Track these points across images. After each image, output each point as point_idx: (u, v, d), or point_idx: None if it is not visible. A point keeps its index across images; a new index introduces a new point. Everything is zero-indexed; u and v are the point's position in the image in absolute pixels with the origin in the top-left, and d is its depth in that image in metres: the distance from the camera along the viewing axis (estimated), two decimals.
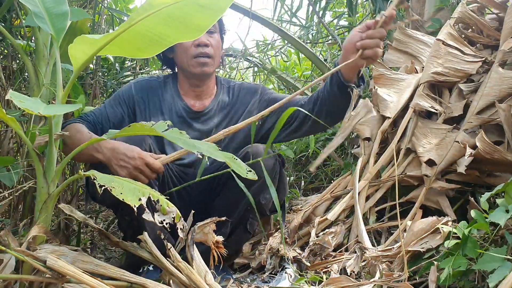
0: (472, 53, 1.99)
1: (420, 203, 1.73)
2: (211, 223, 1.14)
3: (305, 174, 3.07)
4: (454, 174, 1.79)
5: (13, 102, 0.98)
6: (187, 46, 1.74)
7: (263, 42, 3.58)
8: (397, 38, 2.23)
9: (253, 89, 1.88)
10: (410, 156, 1.91)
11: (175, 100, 1.82)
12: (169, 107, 1.81)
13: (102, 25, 2.74)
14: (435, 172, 1.75)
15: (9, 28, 2.29)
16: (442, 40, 1.97)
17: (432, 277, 1.20)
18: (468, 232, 1.20)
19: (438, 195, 1.78)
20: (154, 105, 1.80)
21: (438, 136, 1.86)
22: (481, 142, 1.65)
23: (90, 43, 1.13)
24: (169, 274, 1.17)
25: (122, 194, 1.07)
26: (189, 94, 1.84)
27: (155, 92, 1.83)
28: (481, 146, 1.64)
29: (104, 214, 2.92)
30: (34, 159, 1.19)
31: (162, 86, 1.85)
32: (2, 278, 1.12)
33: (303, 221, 1.91)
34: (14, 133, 2.15)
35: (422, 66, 2.13)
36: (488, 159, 1.66)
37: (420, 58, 2.17)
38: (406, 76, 2.10)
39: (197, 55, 1.74)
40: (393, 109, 2.01)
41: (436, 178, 1.76)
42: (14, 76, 2.38)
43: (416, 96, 1.96)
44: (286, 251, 1.69)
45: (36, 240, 1.17)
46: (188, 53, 1.74)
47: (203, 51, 1.74)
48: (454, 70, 1.95)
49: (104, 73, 3.04)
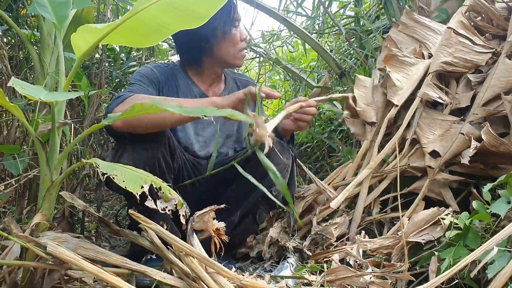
0: (482, 43, 1.94)
1: (423, 195, 1.72)
2: (211, 211, 1.14)
3: (310, 166, 3.07)
4: (457, 166, 1.78)
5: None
6: (238, 40, 1.80)
7: (269, 33, 3.56)
8: (403, 22, 2.16)
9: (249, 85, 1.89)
10: (414, 147, 1.90)
11: (190, 86, 1.84)
12: (185, 92, 1.83)
13: (107, 15, 2.74)
14: (439, 163, 1.74)
15: (16, 18, 2.30)
16: (453, 29, 1.92)
17: (433, 267, 1.20)
18: (470, 223, 1.19)
19: (441, 186, 1.77)
20: (172, 89, 1.82)
21: (443, 127, 1.84)
22: (486, 135, 1.63)
23: (93, 32, 1.14)
24: (170, 263, 1.18)
25: (125, 182, 1.08)
26: (205, 81, 1.88)
27: (172, 77, 1.85)
28: (487, 139, 1.62)
29: (109, 204, 2.95)
30: (37, 147, 1.20)
31: (175, 72, 1.87)
32: (5, 264, 1.14)
33: (305, 209, 1.91)
34: (20, 122, 2.17)
35: (428, 52, 2.08)
36: (493, 152, 1.64)
37: (427, 44, 2.11)
38: (416, 61, 2.04)
39: (243, 49, 1.84)
40: (401, 97, 1.97)
41: (440, 169, 1.75)
42: (20, 66, 2.39)
43: (424, 86, 1.92)
44: (287, 242, 1.70)
45: (39, 227, 1.18)
46: (237, 47, 1.81)
47: (246, 45, 1.85)
48: (463, 60, 1.91)
49: (110, 63, 3.05)
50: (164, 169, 1.57)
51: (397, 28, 2.18)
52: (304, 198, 1.95)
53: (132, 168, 1.15)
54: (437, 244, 1.30)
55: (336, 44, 3.47)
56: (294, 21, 3.03)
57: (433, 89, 1.90)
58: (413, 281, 1.26)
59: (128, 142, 1.53)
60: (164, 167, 1.57)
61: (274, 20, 2.96)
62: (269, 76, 4.22)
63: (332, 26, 3.21)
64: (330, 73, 3.02)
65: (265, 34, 3.50)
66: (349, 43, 2.98)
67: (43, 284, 1.16)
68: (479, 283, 1.15)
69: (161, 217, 1.33)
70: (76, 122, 2.68)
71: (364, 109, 2.02)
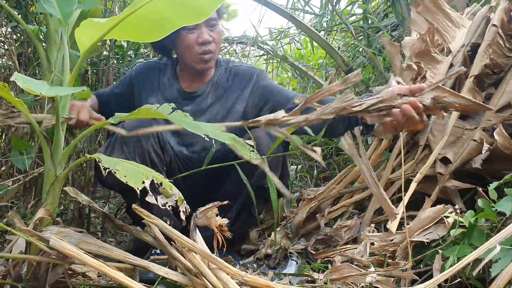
0: (509, 46, 1.80)
1: (433, 200, 1.65)
2: (214, 207, 1.14)
3: (317, 164, 3.06)
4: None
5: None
6: (191, 44, 1.73)
7: (277, 30, 3.56)
8: (425, 3, 2.01)
9: (248, 75, 1.85)
10: (423, 153, 1.83)
11: (172, 83, 1.86)
12: (164, 89, 1.86)
13: (115, 11, 2.75)
14: (449, 170, 1.68)
15: (25, 15, 2.31)
16: (497, 27, 1.77)
17: (437, 265, 1.18)
18: (475, 221, 1.18)
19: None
20: (151, 87, 1.86)
21: (456, 133, 1.75)
22: (500, 136, 1.57)
23: (96, 27, 1.14)
24: (172, 258, 1.18)
25: (126, 177, 1.09)
26: (187, 77, 1.87)
27: (153, 74, 1.88)
28: (500, 141, 1.55)
29: (117, 200, 2.96)
30: (41, 142, 1.21)
31: (162, 69, 1.89)
32: (9, 257, 1.15)
33: (310, 214, 1.90)
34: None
35: (447, 47, 1.97)
36: (506, 155, 1.58)
37: (446, 37, 2.00)
38: (441, 58, 1.92)
39: (202, 53, 1.74)
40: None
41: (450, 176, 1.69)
42: (29, 62, 2.41)
43: (466, 91, 1.75)
44: (290, 245, 1.71)
45: (42, 221, 1.18)
46: (192, 51, 1.74)
47: (207, 48, 1.74)
48: (495, 62, 1.78)
49: (118, 60, 3.06)
50: (155, 161, 1.58)
51: (417, 8, 2.03)
52: (311, 200, 1.93)
53: (133, 163, 1.15)
54: (442, 243, 1.29)
55: (344, 42, 3.45)
56: (302, 18, 3.02)
57: (474, 95, 1.75)
58: (417, 279, 1.24)
59: (118, 136, 1.56)
60: (156, 159, 1.58)
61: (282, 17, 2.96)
62: (276, 73, 4.21)
63: (340, 23, 3.20)
64: (338, 71, 3.01)
65: (273, 31, 3.49)
66: (356, 41, 2.96)
67: (47, 278, 1.17)
68: (484, 281, 1.14)
69: (161, 213, 1.34)
70: None
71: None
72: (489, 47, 1.77)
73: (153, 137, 1.58)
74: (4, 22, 2.33)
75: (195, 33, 1.72)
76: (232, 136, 1.18)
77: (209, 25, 1.73)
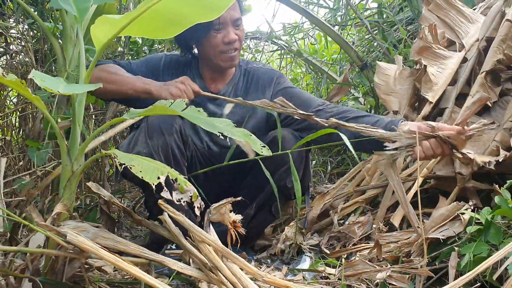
0: None
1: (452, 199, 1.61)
2: (227, 204, 1.15)
3: (331, 159, 3.06)
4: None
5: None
6: (217, 43, 1.74)
7: (291, 25, 3.54)
8: (436, 1, 2.02)
9: (269, 78, 1.87)
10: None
11: (195, 80, 1.84)
12: None
13: (130, 8, 2.77)
14: (471, 171, 1.63)
15: (41, 12, 2.34)
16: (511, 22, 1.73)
17: (452, 263, 1.18)
18: (491, 218, 1.16)
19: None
20: (172, 78, 1.83)
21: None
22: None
23: (111, 24, 1.14)
24: (188, 253, 1.19)
25: (142, 172, 1.09)
26: (210, 76, 1.87)
27: (181, 69, 1.86)
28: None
29: (132, 195, 2.99)
30: (58, 137, 1.22)
31: (188, 65, 1.88)
32: (28, 251, 1.17)
33: (323, 210, 1.89)
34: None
35: (459, 42, 1.97)
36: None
37: (459, 33, 1.99)
38: (450, 53, 1.93)
39: (227, 52, 1.76)
40: (436, 93, 1.86)
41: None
42: (45, 58, 2.44)
43: (477, 85, 1.74)
44: (303, 241, 1.70)
45: (60, 216, 1.20)
46: (217, 50, 1.76)
47: (232, 47, 1.76)
48: (509, 57, 1.74)
49: (133, 55, 3.08)
50: (177, 156, 1.59)
51: (428, 6, 2.05)
52: (325, 195, 1.92)
53: (149, 159, 1.16)
54: (457, 240, 1.28)
55: (358, 37, 3.42)
56: (316, 13, 3.00)
57: (486, 90, 1.73)
58: (432, 276, 1.23)
59: (142, 130, 1.57)
60: (178, 154, 1.59)
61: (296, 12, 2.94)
62: (290, 69, 4.19)
63: (355, 18, 3.17)
64: (352, 66, 2.99)
65: (287, 26, 3.48)
66: (371, 36, 2.93)
67: (64, 272, 1.19)
68: (501, 279, 1.13)
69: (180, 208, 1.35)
70: (99, 114, 2.72)
71: (384, 99, 1.98)
72: (503, 42, 1.75)
73: (176, 132, 1.59)
74: (21, 19, 2.36)
75: (222, 33, 1.73)
76: (246, 132, 1.18)
77: (235, 25, 1.75)
